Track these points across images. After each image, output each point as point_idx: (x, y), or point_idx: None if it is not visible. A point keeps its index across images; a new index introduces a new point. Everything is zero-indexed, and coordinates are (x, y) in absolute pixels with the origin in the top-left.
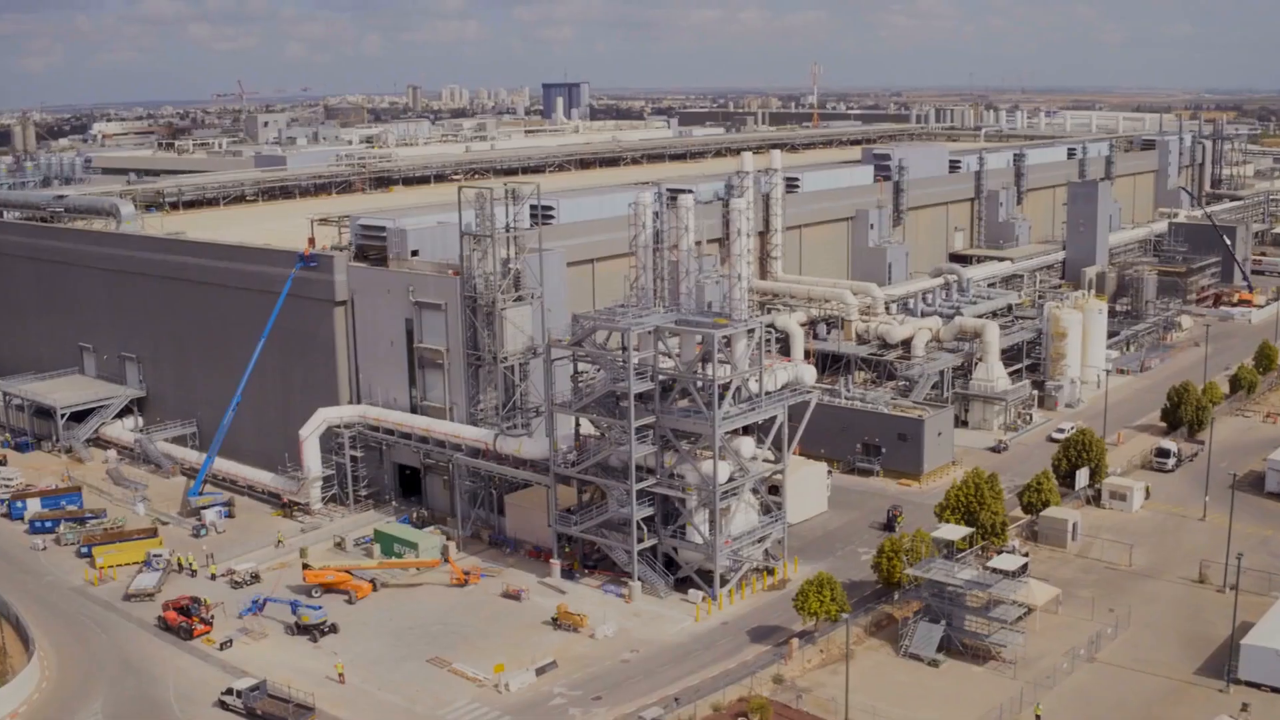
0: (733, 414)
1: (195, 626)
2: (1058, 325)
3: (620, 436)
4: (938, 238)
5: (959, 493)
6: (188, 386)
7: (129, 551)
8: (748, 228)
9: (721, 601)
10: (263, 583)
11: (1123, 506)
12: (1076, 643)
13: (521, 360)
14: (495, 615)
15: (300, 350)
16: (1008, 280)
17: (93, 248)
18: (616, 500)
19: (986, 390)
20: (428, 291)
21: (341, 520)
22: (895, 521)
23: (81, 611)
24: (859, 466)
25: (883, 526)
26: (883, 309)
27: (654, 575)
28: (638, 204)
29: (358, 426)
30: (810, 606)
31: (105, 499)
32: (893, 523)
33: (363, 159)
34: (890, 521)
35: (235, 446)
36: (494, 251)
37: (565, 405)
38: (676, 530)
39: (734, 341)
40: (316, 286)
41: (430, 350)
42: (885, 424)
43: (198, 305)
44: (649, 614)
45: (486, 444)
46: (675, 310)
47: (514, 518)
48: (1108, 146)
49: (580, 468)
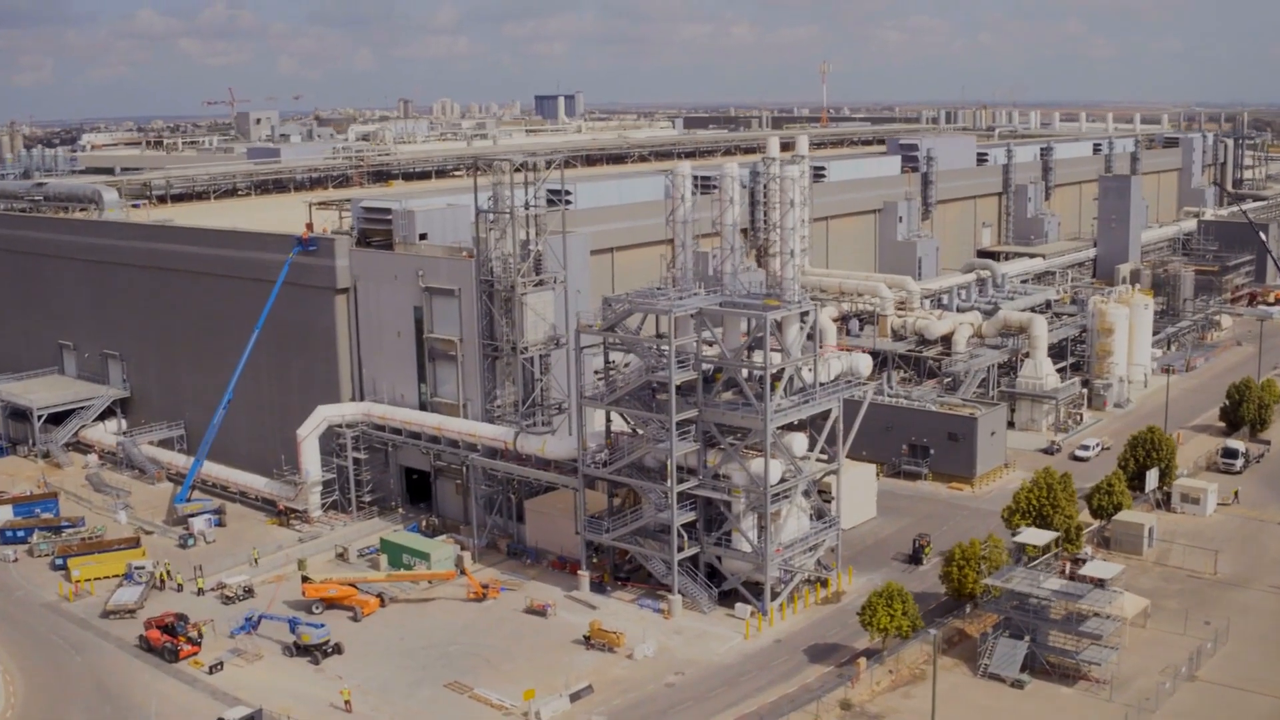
0: (785, 407)
1: (181, 647)
2: (1104, 320)
3: (658, 433)
4: (965, 233)
5: (1029, 495)
6: (175, 386)
7: (108, 563)
8: (801, 198)
9: (772, 616)
10: (257, 598)
11: (1195, 510)
12: (1172, 659)
13: (543, 351)
14: (519, 633)
15: (298, 343)
16: (1039, 278)
17: (73, 237)
18: (654, 504)
19: (1035, 388)
20: (439, 276)
21: (343, 529)
22: (923, 553)
23: (54, 630)
24: (905, 469)
25: (908, 559)
26: (918, 303)
27: (696, 588)
28: (675, 174)
29: (361, 426)
30: (879, 622)
31: (84, 506)
32: (920, 554)
33: (360, 153)
34: (917, 553)
35: (226, 449)
36: (513, 231)
37: (596, 398)
38: (721, 537)
39: (785, 326)
40: (316, 273)
41: (442, 341)
42: (934, 423)
43: (186, 297)
44: (692, 631)
45: (506, 443)
46: (718, 292)
47: (535, 525)
48: (1133, 143)
49: (613, 468)
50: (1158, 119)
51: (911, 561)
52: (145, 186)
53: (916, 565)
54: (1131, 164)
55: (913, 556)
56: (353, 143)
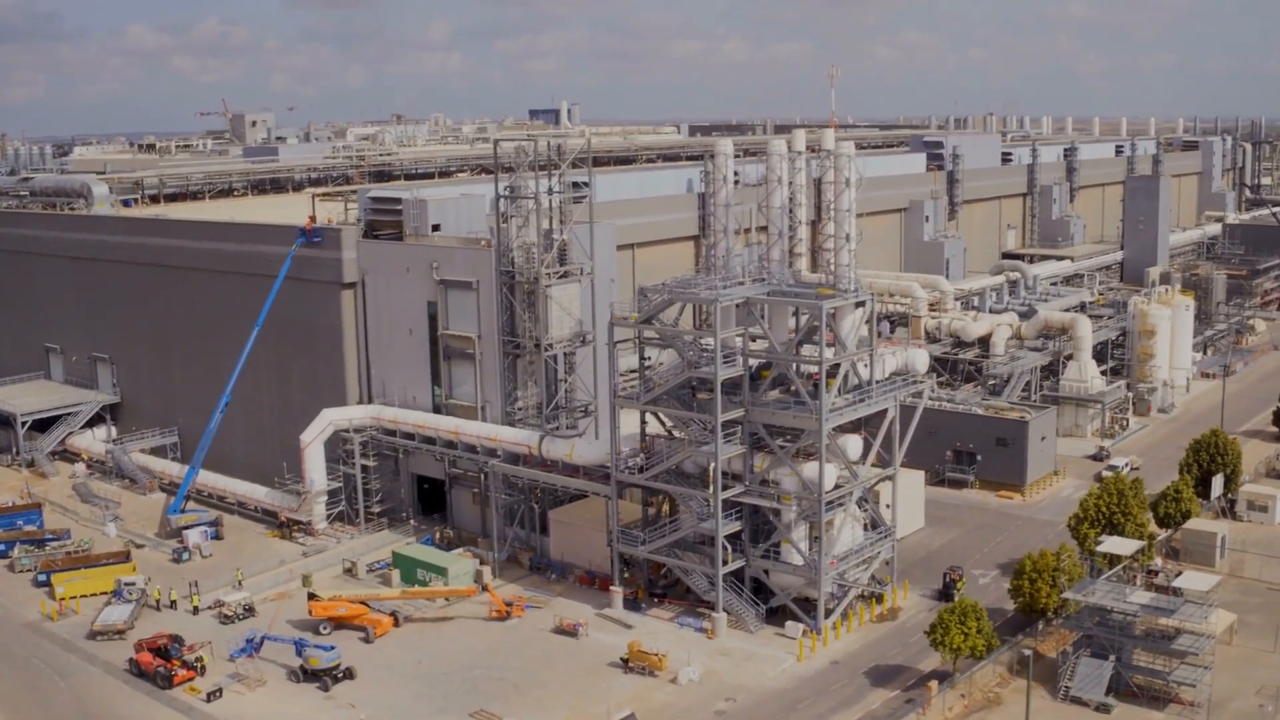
0: (841, 406)
1: (176, 672)
2: (1145, 322)
3: (701, 435)
4: (990, 235)
5: (1098, 501)
6: (168, 390)
7: (96, 579)
8: (855, 177)
9: (826, 636)
10: (258, 616)
11: (1263, 518)
12: (1265, 679)
13: (568, 348)
14: (548, 655)
15: (301, 342)
16: (1067, 281)
17: (61, 234)
18: (695, 513)
19: (1079, 391)
20: (455, 268)
21: (351, 542)
22: (955, 589)
23: (36, 653)
24: (949, 476)
25: (938, 595)
26: (953, 304)
27: (742, 604)
28: (715, 154)
29: (370, 430)
30: (951, 641)
31: (70, 518)
32: (951, 589)
33: (361, 152)
34: (948, 588)
35: (224, 456)
36: (537, 218)
37: (630, 397)
38: (769, 549)
39: (839, 317)
40: (321, 266)
41: (458, 338)
42: (981, 427)
43: (180, 295)
44: (739, 652)
45: (530, 448)
46: (764, 281)
47: (560, 537)
48: (1155, 145)
49: (649, 474)
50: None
51: (942, 598)
52: (137, 185)
53: (947, 602)
54: (1153, 167)
55: (943, 591)
56: (353, 143)
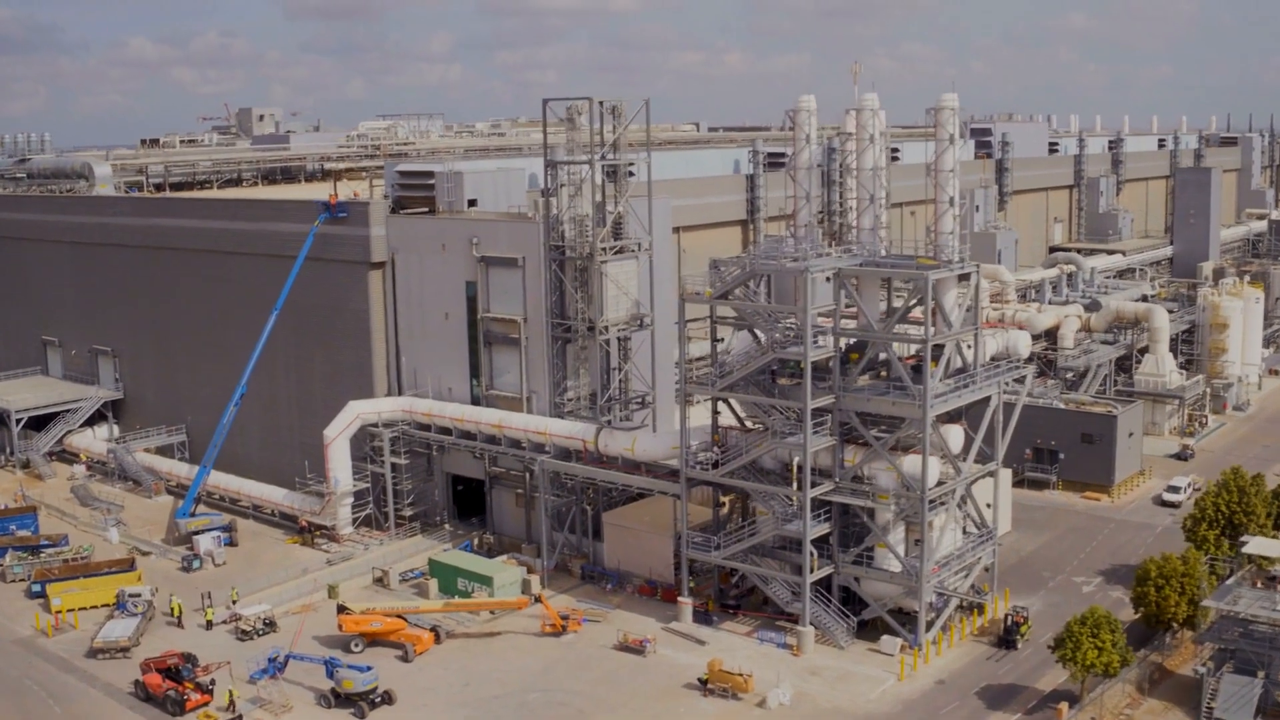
0: (944, 392)
1: (188, 695)
2: (1217, 315)
3: (785, 425)
4: (1038, 228)
5: (1216, 500)
6: (175, 384)
7: (96, 590)
8: (959, 131)
9: (926, 651)
10: (279, 632)
11: None
12: None
13: (623, 332)
14: (614, 676)
15: (324, 328)
16: (1119, 276)
17: (60, 217)
18: (778, 514)
19: (1157, 386)
20: (498, 243)
21: (380, 548)
22: (1019, 633)
23: (29, 673)
24: (1029, 476)
25: (997, 641)
26: (1014, 295)
27: (830, 617)
28: (798, 110)
29: (401, 425)
30: (1085, 657)
31: (68, 523)
32: (1014, 635)
33: (376, 141)
34: (1010, 633)
35: (237, 455)
36: (590, 187)
37: (703, 384)
38: (862, 554)
39: (942, 290)
40: (346, 245)
41: (501, 321)
42: (1064, 423)
43: (189, 281)
44: (831, 671)
45: (585, 442)
46: (852, 251)
47: (616, 542)
48: (1196, 139)
49: (724, 470)
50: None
51: (1003, 645)
52: (141, 172)
53: (1009, 650)
54: (1195, 162)
55: (1004, 638)
56: (367, 132)
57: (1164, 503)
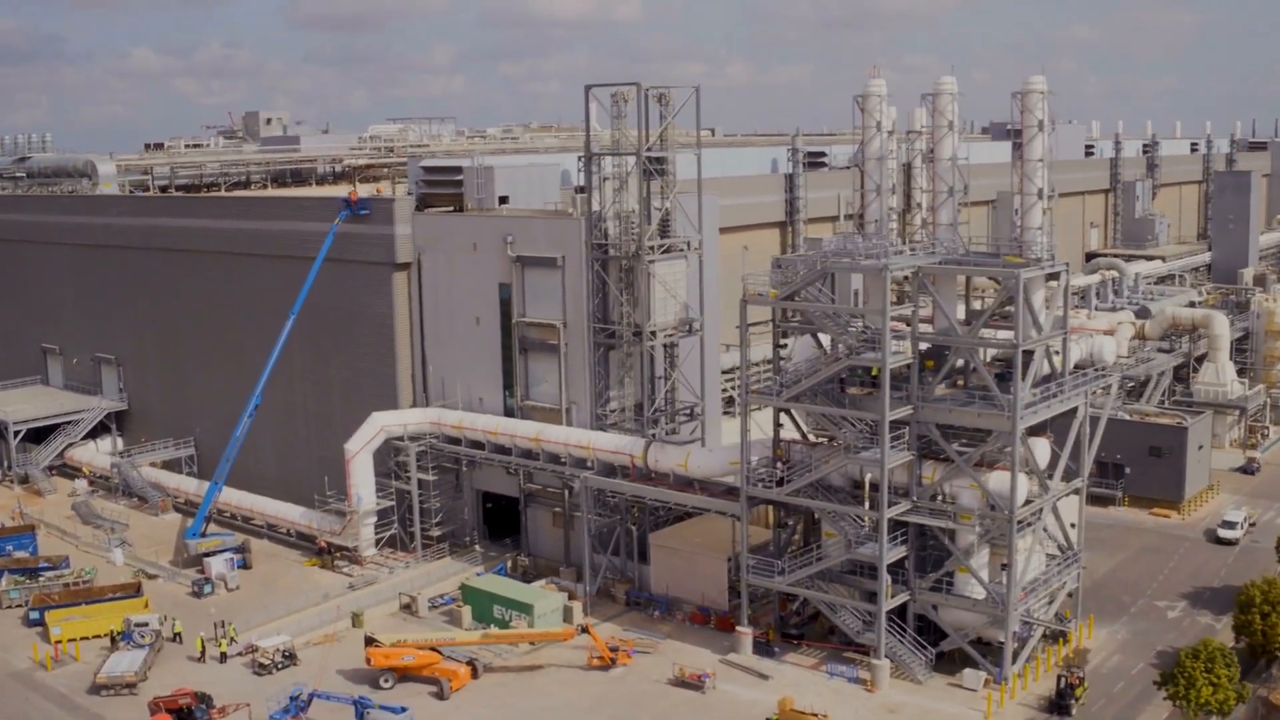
0: (1034, 402)
1: None
2: (1273, 322)
3: (858, 438)
4: (1073, 234)
5: None
6: (183, 395)
7: (100, 618)
8: (1049, 120)
9: (1014, 686)
10: (300, 665)
11: None
12: None
13: (671, 338)
14: (671, 715)
15: (344, 334)
16: (1159, 282)
17: (61, 218)
18: (848, 536)
19: (1218, 396)
20: (535, 242)
21: (406, 572)
22: (1075, 697)
23: (25, 710)
24: (1092, 492)
25: (1049, 706)
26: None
27: (906, 649)
28: (867, 95)
29: (428, 438)
30: (1200, 695)
31: (69, 543)
32: (1068, 699)
33: (390, 143)
34: (1063, 695)
35: (251, 471)
36: (635, 182)
37: (767, 393)
38: (941, 580)
39: (1031, 290)
40: (368, 245)
41: (538, 326)
42: (1131, 435)
43: (199, 283)
44: (911, 709)
45: (633, 457)
46: (931, 249)
47: (664, 565)
48: (1228, 143)
49: (790, 488)
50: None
51: (1055, 710)
52: (146, 173)
53: (1063, 717)
54: (1228, 166)
55: (1057, 703)
56: (379, 134)
57: (1219, 540)
